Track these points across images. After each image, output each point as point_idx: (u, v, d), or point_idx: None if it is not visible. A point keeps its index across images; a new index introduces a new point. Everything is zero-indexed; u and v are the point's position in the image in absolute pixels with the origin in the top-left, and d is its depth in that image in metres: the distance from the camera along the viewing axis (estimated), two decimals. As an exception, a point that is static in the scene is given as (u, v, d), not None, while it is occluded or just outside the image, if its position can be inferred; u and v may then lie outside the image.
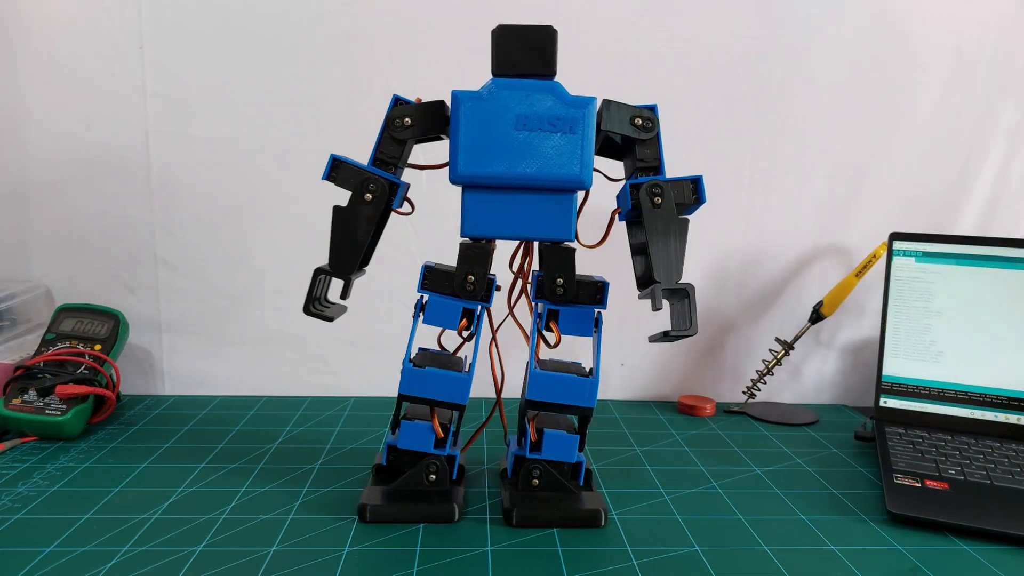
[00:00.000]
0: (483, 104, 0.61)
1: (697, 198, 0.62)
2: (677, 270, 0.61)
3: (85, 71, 0.90)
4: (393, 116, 0.62)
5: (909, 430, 0.82)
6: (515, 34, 0.61)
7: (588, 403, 0.63)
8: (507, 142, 0.61)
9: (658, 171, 0.63)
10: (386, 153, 0.63)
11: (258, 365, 0.97)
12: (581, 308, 0.65)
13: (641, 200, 0.61)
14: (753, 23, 0.93)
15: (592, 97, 0.61)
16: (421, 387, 0.63)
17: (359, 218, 0.62)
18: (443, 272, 0.64)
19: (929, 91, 0.97)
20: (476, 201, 0.62)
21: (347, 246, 0.62)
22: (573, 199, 0.63)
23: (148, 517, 0.63)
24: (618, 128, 0.62)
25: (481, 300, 0.64)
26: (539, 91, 0.61)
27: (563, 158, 0.61)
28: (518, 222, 0.63)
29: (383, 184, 0.62)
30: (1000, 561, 0.59)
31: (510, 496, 0.65)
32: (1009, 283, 0.84)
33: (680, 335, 0.60)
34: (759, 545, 0.61)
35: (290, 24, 0.90)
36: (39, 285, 0.95)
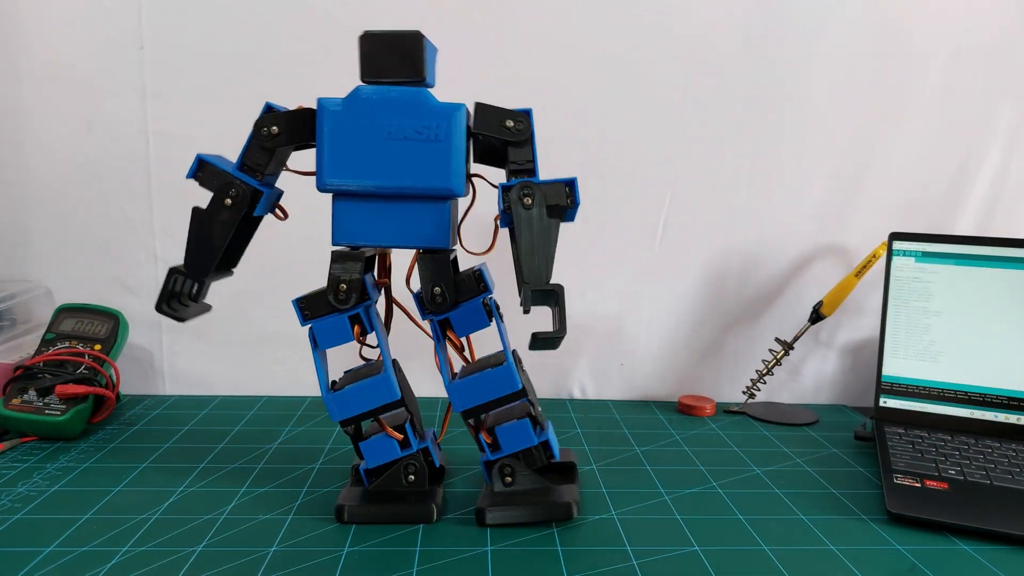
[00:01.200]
0: (347, 112, 0.60)
1: (572, 200, 0.61)
2: (546, 271, 0.60)
3: (85, 71, 0.90)
4: (261, 124, 0.61)
5: (909, 430, 0.82)
6: (382, 40, 0.60)
7: (510, 388, 0.62)
8: (372, 151, 0.60)
9: (531, 174, 0.62)
10: (252, 160, 0.62)
11: (258, 365, 0.97)
12: (466, 305, 0.63)
13: (511, 202, 0.60)
14: (753, 23, 0.93)
15: (460, 103, 0.60)
16: (347, 407, 0.63)
17: (217, 222, 0.61)
18: (317, 295, 0.63)
19: (929, 91, 0.97)
20: (346, 209, 0.62)
21: (203, 249, 0.62)
22: (446, 207, 0.62)
23: (148, 517, 0.63)
24: (489, 131, 0.61)
25: (360, 302, 0.62)
26: (404, 99, 0.60)
27: (430, 166, 0.60)
28: (391, 230, 0.62)
29: (244, 190, 0.61)
30: (1000, 561, 0.59)
31: (482, 496, 0.65)
32: (1009, 283, 0.84)
33: (551, 337, 0.59)
34: (759, 545, 0.61)
35: (290, 24, 0.90)
36: (39, 285, 0.95)
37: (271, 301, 0.94)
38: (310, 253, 0.69)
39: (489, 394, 0.63)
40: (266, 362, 0.97)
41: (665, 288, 0.99)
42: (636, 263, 0.98)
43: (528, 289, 0.59)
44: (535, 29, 0.92)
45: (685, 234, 0.98)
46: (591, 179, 0.96)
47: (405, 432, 0.65)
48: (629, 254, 0.98)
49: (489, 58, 0.91)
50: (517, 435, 0.64)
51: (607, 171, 0.95)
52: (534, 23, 0.92)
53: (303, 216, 0.97)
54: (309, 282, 0.68)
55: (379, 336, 0.64)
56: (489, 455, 0.65)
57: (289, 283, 0.99)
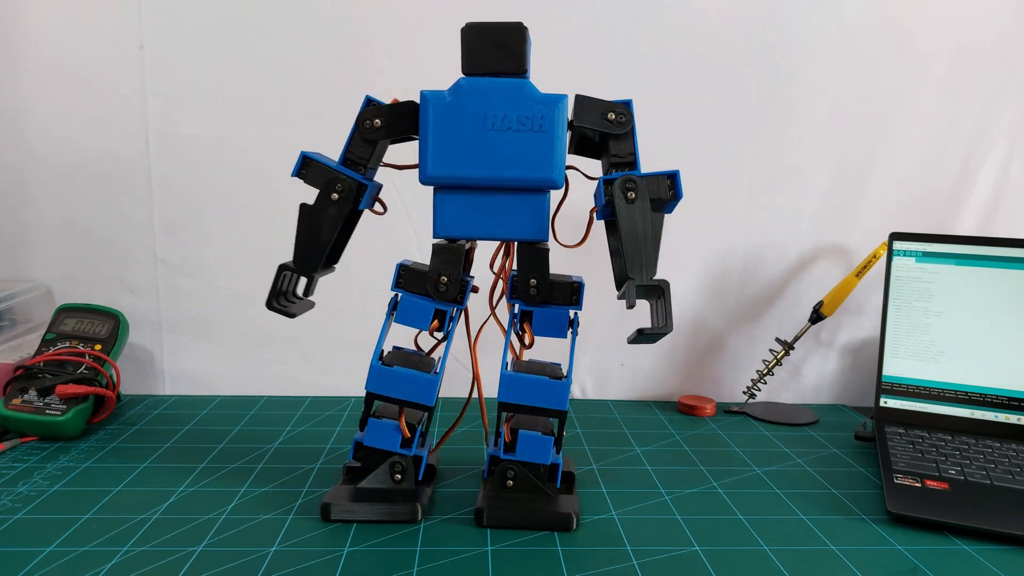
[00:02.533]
0: (451, 104, 0.60)
1: (674, 194, 0.61)
2: (651, 266, 0.60)
3: (85, 71, 0.90)
4: (363, 117, 0.62)
5: (909, 430, 0.82)
6: (484, 32, 0.60)
7: (559, 406, 0.62)
8: (476, 142, 0.60)
9: (633, 167, 0.62)
10: (355, 154, 0.62)
11: (258, 365, 0.97)
12: (555, 309, 0.64)
13: (614, 196, 0.60)
14: (753, 23, 0.93)
15: (562, 94, 0.60)
16: (387, 386, 0.63)
17: (325, 217, 0.62)
18: (418, 272, 0.64)
19: (929, 91, 0.97)
20: (447, 202, 0.62)
21: (312, 244, 0.62)
22: (546, 199, 0.62)
23: (148, 517, 0.63)
24: (590, 123, 0.61)
25: (453, 302, 0.63)
26: (508, 90, 0.60)
27: (533, 157, 0.60)
28: (490, 222, 0.62)
29: (350, 184, 0.61)
30: (1000, 561, 0.59)
31: (483, 496, 0.65)
32: (1010, 283, 0.84)
33: (655, 333, 0.59)
34: (759, 545, 0.61)
35: (291, 24, 0.90)
36: (39, 285, 0.95)
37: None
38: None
39: (537, 400, 0.62)
40: (266, 362, 0.97)
41: (665, 288, 0.99)
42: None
43: (632, 284, 0.59)
44: (534, 29, 0.92)
45: (686, 234, 0.97)
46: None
47: (414, 433, 0.65)
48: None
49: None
50: (536, 448, 0.64)
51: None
52: (534, 23, 0.92)
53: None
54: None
55: (449, 340, 0.65)
56: (501, 453, 0.65)
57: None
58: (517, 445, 0.64)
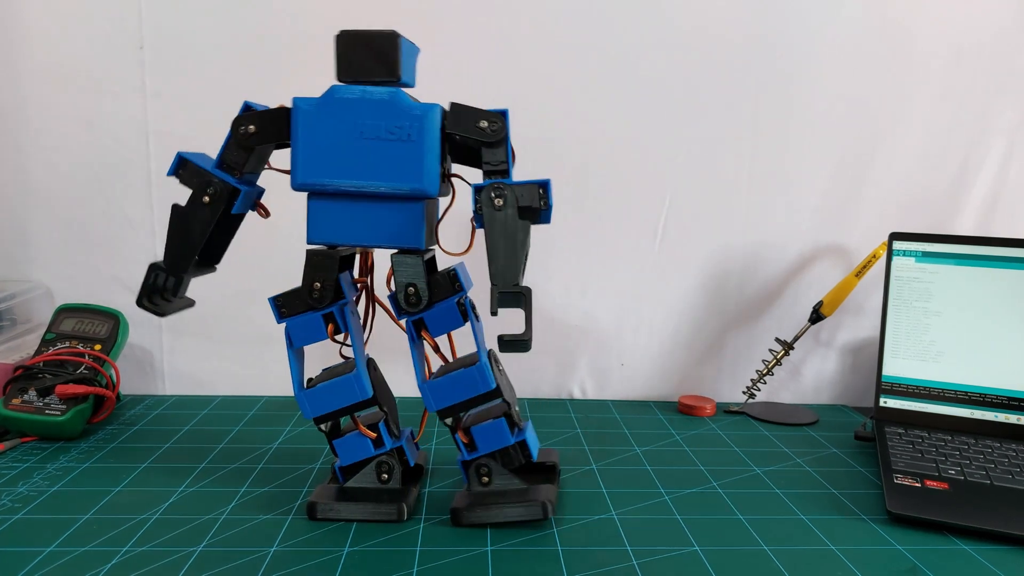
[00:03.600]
0: (321, 111, 0.60)
1: (546, 202, 0.60)
2: (513, 273, 0.59)
3: (85, 71, 0.90)
4: (238, 123, 0.62)
5: (909, 430, 0.82)
6: (358, 39, 0.60)
7: (484, 387, 0.62)
8: (345, 151, 0.60)
9: (505, 175, 0.61)
10: (230, 158, 0.62)
11: (258, 365, 0.97)
12: (440, 305, 0.63)
13: (483, 202, 0.60)
14: (753, 22, 0.93)
15: (434, 104, 0.60)
16: (320, 404, 0.63)
17: (195, 219, 0.62)
18: (293, 293, 0.64)
19: (929, 90, 0.97)
20: (321, 208, 0.62)
21: (182, 245, 0.62)
22: (419, 207, 0.62)
23: (148, 517, 0.63)
24: (463, 131, 0.61)
25: (334, 302, 0.63)
26: (378, 99, 0.60)
27: (402, 167, 0.60)
28: (364, 229, 0.62)
29: (222, 188, 0.62)
30: (1000, 561, 0.59)
31: (459, 496, 0.65)
32: (1009, 283, 0.84)
33: (515, 339, 0.58)
34: (759, 545, 0.61)
35: (291, 24, 0.90)
36: (39, 285, 0.95)
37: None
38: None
39: (463, 394, 0.62)
40: (266, 362, 0.97)
41: (665, 288, 0.99)
42: (636, 263, 0.98)
43: (495, 291, 0.59)
44: (534, 29, 0.92)
45: (685, 234, 0.98)
46: (591, 179, 0.97)
47: (379, 431, 0.65)
48: (629, 254, 0.98)
49: (489, 57, 0.91)
50: (493, 435, 0.64)
51: (607, 171, 0.95)
52: (533, 23, 0.92)
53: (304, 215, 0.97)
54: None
55: (352, 335, 0.64)
56: (466, 455, 0.65)
57: (288, 283, 0.99)
58: (476, 442, 0.64)
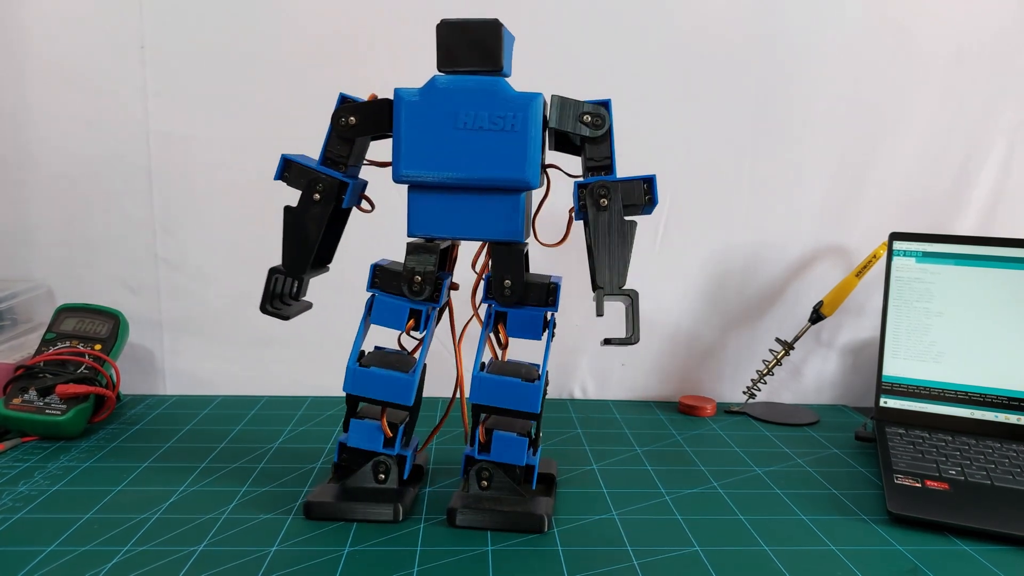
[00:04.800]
0: (423, 102, 0.60)
1: (650, 198, 0.60)
2: (620, 276, 0.59)
3: (86, 71, 0.90)
4: (338, 115, 0.62)
5: (909, 430, 0.82)
6: (459, 29, 0.59)
7: (530, 408, 0.62)
8: (447, 141, 0.60)
9: (609, 170, 0.61)
10: (334, 152, 0.62)
11: (258, 365, 0.97)
12: (529, 310, 0.63)
13: (587, 201, 0.59)
14: (753, 22, 0.93)
15: (537, 93, 0.60)
16: (364, 386, 0.63)
17: (309, 218, 0.62)
18: (392, 272, 0.63)
19: (929, 91, 0.97)
20: (421, 200, 0.62)
21: (299, 246, 0.62)
22: (520, 199, 0.61)
23: (149, 517, 0.63)
24: (565, 125, 0.60)
25: (428, 300, 0.63)
26: (480, 88, 0.59)
27: (505, 157, 0.59)
28: (464, 222, 0.62)
29: (331, 183, 0.61)
30: (1000, 561, 0.59)
31: (456, 496, 0.65)
32: (1009, 283, 0.84)
33: (618, 343, 0.58)
34: (759, 545, 0.61)
35: (291, 24, 0.90)
36: (40, 285, 0.95)
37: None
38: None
39: (508, 402, 0.62)
40: (267, 362, 0.97)
41: (666, 288, 0.99)
42: (637, 263, 0.97)
43: (601, 293, 0.58)
44: (534, 29, 0.92)
45: (686, 234, 0.98)
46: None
47: (396, 432, 0.65)
48: (630, 254, 0.97)
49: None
50: (511, 449, 0.64)
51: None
52: (533, 23, 0.92)
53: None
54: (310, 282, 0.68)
55: (427, 340, 0.64)
56: (475, 453, 0.65)
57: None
58: (492, 446, 0.64)
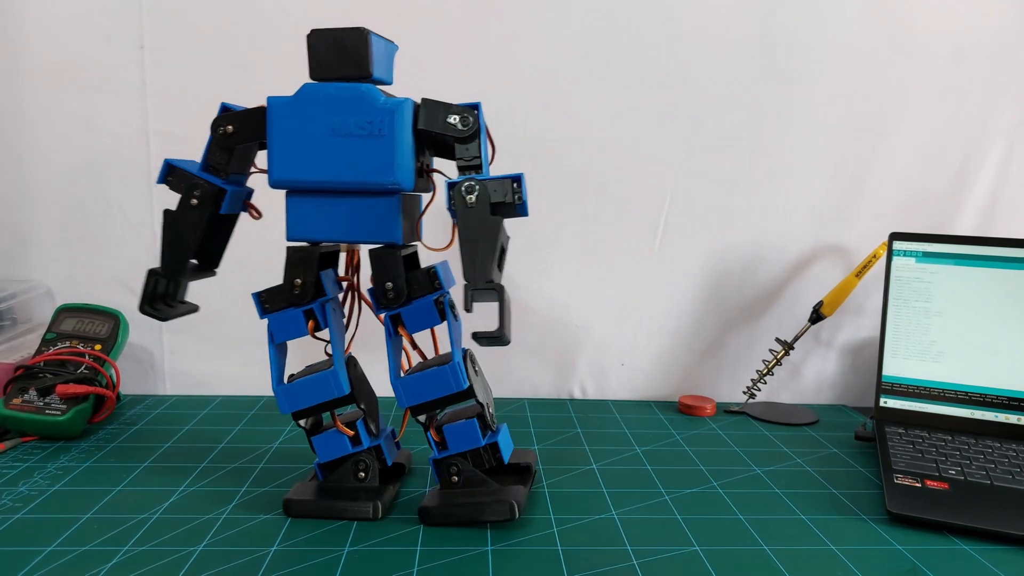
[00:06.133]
0: (294, 110, 0.61)
1: (519, 197, 0.60)
2: (485, 270, 0.59)
3: (85, 71, 0.90)
4: (216, 123, 0.62)
5: (909, 430, 0.82)
6: (327, 38, 0.61)
7: (456, 387, 0.62)
8: (319, 147, 0.60)
9: (479, 170, 0.61)
10: (214, 159, 0.63)
11: (258, 365, 0.96)
12: (418, 302, 0.63)
13: (455, 199, 0.60)
14: (753, 22, 0.93)
15: (405, 99, 0.61)
16: (296, 399, 0.64)
17: (186, 222, 0.62)
18: (276, 290, 0.64)
19: (929, 90, 0.97)
20: (299, 205, 0.63)
21: (175, 249, 0.63)
22: (395, 201, 0.62)
23: (149, 517, 0.63)
24: (434, 127, 0.61)
25: (315, 298, 0.63)
26: (349, 95, 0.60)
27: (374, 161, 0.60)
28: (342, 224, 0.62)
29: (208, 189, 0.62)
30: (1000, 561, 0.59)
31: (429, 495, 0.65)
32: (1009, 283, 0.84)
33: (485, 335, 0.58)
34: (759, 545, 0.61)
35: (291, 23, 0.90)
36: (39, 285, 0.95)
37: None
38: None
39: (434, 392, 0.63)
40: (266, 363, 0.96)
41: (666, 288, 0.99)
42: (637, 263, 0.98)
43: (469, 288, 0.58)
44: (534, 29, 0.92)
45: (685, 234, 0.98)
46: (591, 179, 0.97)
47: (356, 429, 0.65)
48: (629, 254, 0.98)
49: (488, 58, 0.91)
50: (463, 435, 0.64)
51: (607, 171, 0.95)
52: (533, 23, 0.92)
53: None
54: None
55: (332, 333, 0.65)
56: (436, 453, 0.65)
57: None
58: (447, 440, 0.64)
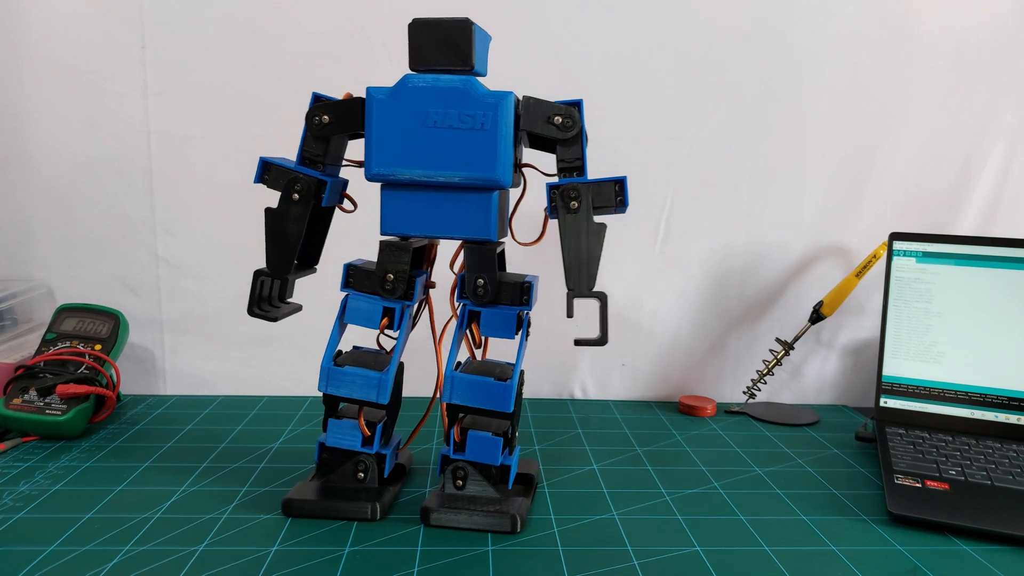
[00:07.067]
0: (394, 101, 0.60)
1: (622, 200, 0.60)
2: (589, 277, 0.59)
3: (86, 71, 0.90)
4: (311, 114, 0.62)
5: (910, 430, 0.82)
6: (430, 28, 0.59)
7: (502, 407, 0.62)
8: (418, 140, 0.60)
9: (580, 172, 0.61)
10: (310, 151, 0.63)
11: (259, 365, 0.97)
12: (502, 309, 0.63)
13: (557, 203, 0.59)
14: (754, 22, 0.93)
15: (507, 92, 0.60)
16: (338, 385, 0.63)
17: (289, 218, 0.62)
18: (366, 271, 0.64)
19: (929, 91, 0.97)
20: (394, 199, 0.62)
21: (281, 247, 0.63)
22: (492, 198, 0.61)
23: (149, 517, 0.63)
24: (536, 128, 0.60)
25: (402, 298, 0.63)
26: (450, 87, 0.59)
27: (475, 156, 0.59)
28: (436, 220, 0.62)
29: (309, 182, 0.62)
30: (1000, 561, 0.59)
31: (431, 495, 0.65)
32: (1009, 283, 0.84)
33: (585, 343, 0.58)
34: (759, 545, 0.61)
35: (291, 23, 0.90)
36: (40, 285, 0.95)
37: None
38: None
39: (480, 401, 0.62)
40: (267, 362, 0.97)
41: (666, 288, 0.99)
42: (637, 263, 0.98)
43: (571, 296, 0.59)
44: (535, 29, 0.92)
45: (686, 234, 0.98)
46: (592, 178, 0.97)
47: (374, 431, 0.65)
48: (630, 254, 0.97)
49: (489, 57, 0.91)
50: (485, 448, 0.64)
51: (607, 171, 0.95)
52: (534, 23, 0.92)
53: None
54: (309, 283, 0.68)
55: (400, 339, 0.64)
56: (451, 453, 0.65)
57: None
58: (467, 445, 0.64)
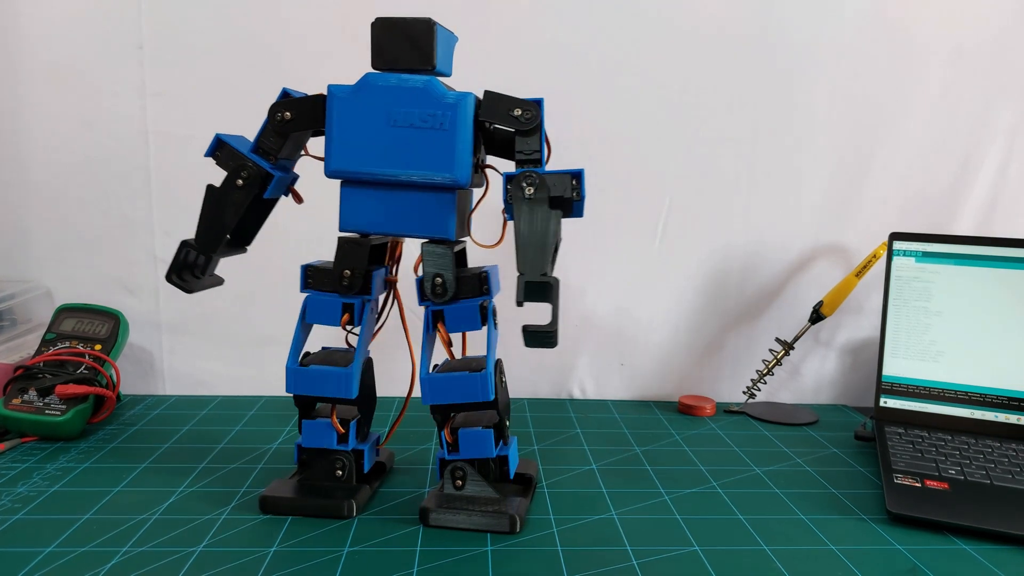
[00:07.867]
0: (355, 99, 0.60)
1: (578, 193, 0.60)
2: (542, 262, 0.58)
3: (85, 71, 0.90)
4: (275, 108, 0.62)
5: (909, 430, 0.82)
6: (392, 27, 0.60)
7: (482, 397, 0.62)
8: (378, 138, 0.60)
9: (537, 164, 0.61)
10: (266, 143, 0.63)
11: (258, 365, 0.97)
12: (464, 303, 0.63)
13: (513, 191, 0.59)
14: (753, 22, 0.93)
15: (468, 92, 0.60)
16: (305, 385, 0.64)
17: (228, 200, 0.62)
18: (324, 270, 0.64)
19: (929, 90, 0.97)
20: (353, 196, 0.63)
21: (213, 225, 0.63)
22: (451, 197, 0.62)
23: (148, 517, 0.63)
24: (496, 119, 0.61)
25: (360, 294, 0.63)
26: (412, 86, 0.60)
27: (434, 155, 0.60)
28: (395, 218, 0.62)
29: (255, 172, 0.62)
30: (1000, 561, 0.59)
31: (430, 496, 0.65)
32: (1009, 283, 0.84)
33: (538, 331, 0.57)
34: (759, 545, 0.61)
35: (291, 23, 0.90)
36: (39, 285, 0.95)
37: (271, 302, 0.94)
38: (311, 255, 0.69)
39: (460, 396, 0.62)
40: (266, 362, 0.97)
41: (665, 288, 0.99)
42: (636, 263, 0.98)
43: (522, 280, 0.58)
44: (535, 28, 0.92)
45: (685, 234, 0.98)
46: (591, 179, 0.95)
47: (348, 428, 0.65)
48: (629, 254, 0.98)
49: (489, 58, 0.91)
50: (477, 443, 0.64)
51: (607, 171, 0.95)
52: (534, 23, 0.92)
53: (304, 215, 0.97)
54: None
55: (362, 333, 0.65)
56: (446, 454, 0.65)
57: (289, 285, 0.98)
58: (459, 444, 0.64)
